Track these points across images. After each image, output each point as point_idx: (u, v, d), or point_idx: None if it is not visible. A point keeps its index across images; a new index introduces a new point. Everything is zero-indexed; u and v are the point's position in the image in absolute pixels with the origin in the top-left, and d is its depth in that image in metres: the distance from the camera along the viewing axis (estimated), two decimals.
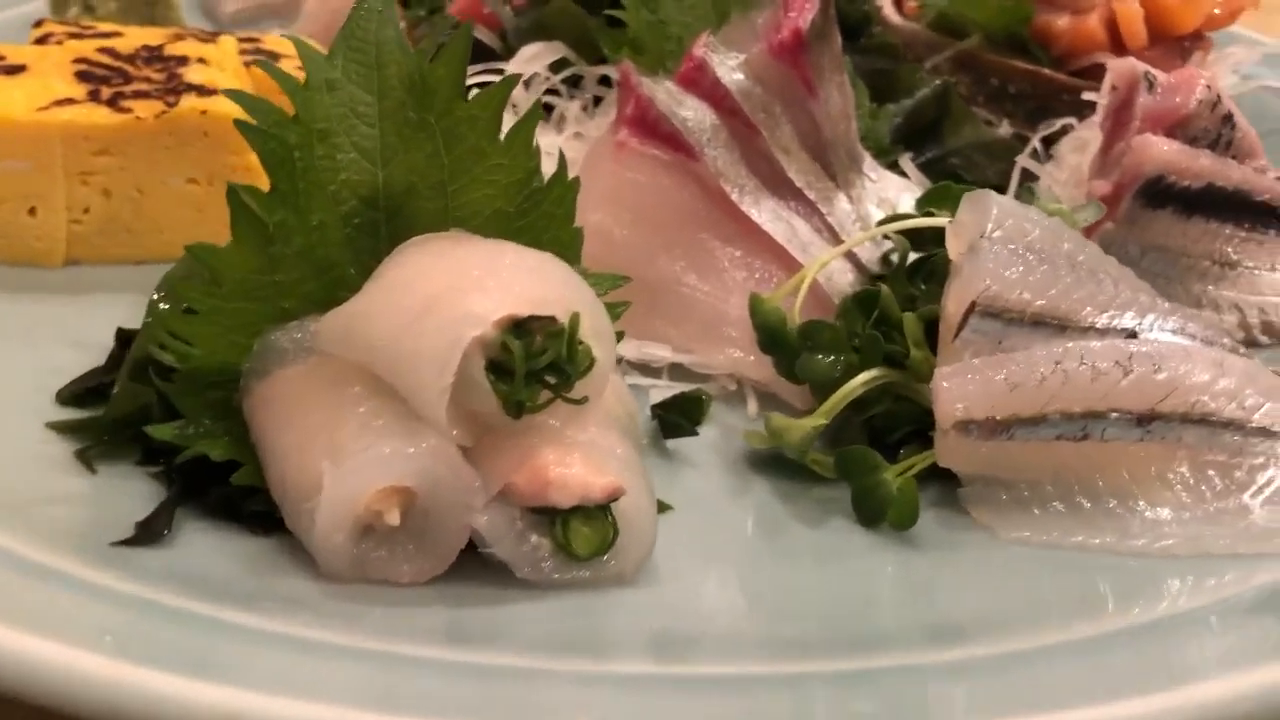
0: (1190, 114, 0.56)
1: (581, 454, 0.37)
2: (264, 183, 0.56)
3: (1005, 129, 0.66)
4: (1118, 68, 0.59)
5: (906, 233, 0.50)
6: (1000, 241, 0.44)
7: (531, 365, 0.35)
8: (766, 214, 0.52)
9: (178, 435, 0.39)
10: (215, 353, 0.39)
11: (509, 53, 0.60)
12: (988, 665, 0.37)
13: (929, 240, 0.50)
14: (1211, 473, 0.41)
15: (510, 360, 0.35)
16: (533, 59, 0.57)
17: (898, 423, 0.45)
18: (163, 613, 0.35)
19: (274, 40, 0.64)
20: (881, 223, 0.51)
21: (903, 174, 0.60)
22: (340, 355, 0.37)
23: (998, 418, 0.42)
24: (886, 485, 0.42)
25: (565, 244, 0.43)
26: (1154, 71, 0.57)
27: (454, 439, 0.35)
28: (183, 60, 0.57)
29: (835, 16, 0.56)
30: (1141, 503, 0.41)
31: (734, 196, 0.51)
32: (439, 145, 0.42)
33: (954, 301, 0.44)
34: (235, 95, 0.41)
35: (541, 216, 0.43)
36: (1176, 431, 0.41)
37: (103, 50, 0.57)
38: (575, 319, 0.36)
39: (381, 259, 0.41)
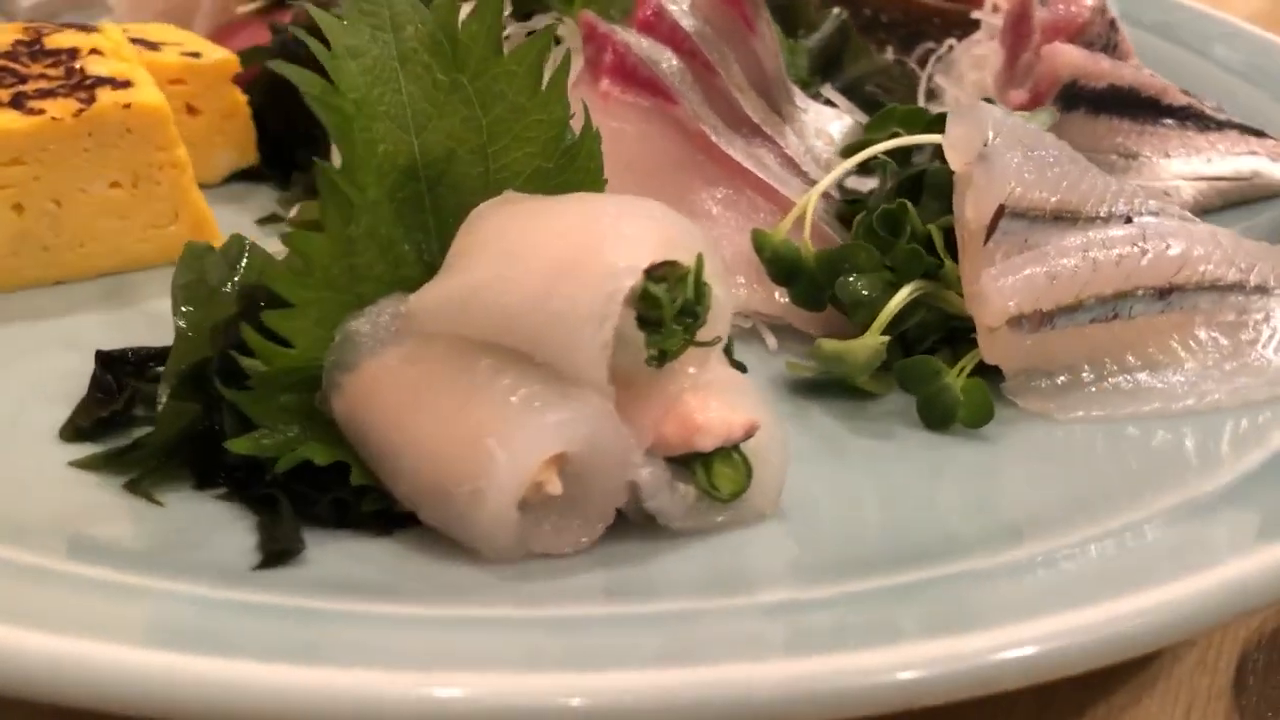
0: (1085, 22, 0.61)
1: (716, 395, 0.36)
2: (188, 178, 0.52)
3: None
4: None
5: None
6: (1005, 148, 0.46)
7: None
8: (739, 153, 0.53)
9: (267, 446, 0.35)
10: (307, 350, 0.36)
11: None
12: (1094, 539, 0.39)
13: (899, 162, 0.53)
14: (1217, 334, 0.46)
15: (653, 309, 0.34)
16: None
17: (927, 331, 0.47)
18: (338, 618, 0.32)
19: (153, 29, 0.58)
20: (853, 149, 0.53)
21: (828, 103, 0.62)
22: (451, 332, 0.35)
23: (1044, 309, 0.44)
24: (951, 389, 0.44)
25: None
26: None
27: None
28: (73, 53, 0.51)
29: None
30: (1171, 369, 0.45)
31: (713, 138, 0.51)
32: (475, 107, 0.40)
33: (974, 208, 0.46)
34: (283, 67, 0.37)
35: (577, 171, 0.42)
36: (1192, 299, 0.45)
37: None
38: (700, 260, 0.35)
39: (431, 232, 0.39)
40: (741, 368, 0.46)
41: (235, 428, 0.36)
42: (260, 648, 0.30)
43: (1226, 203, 0.61)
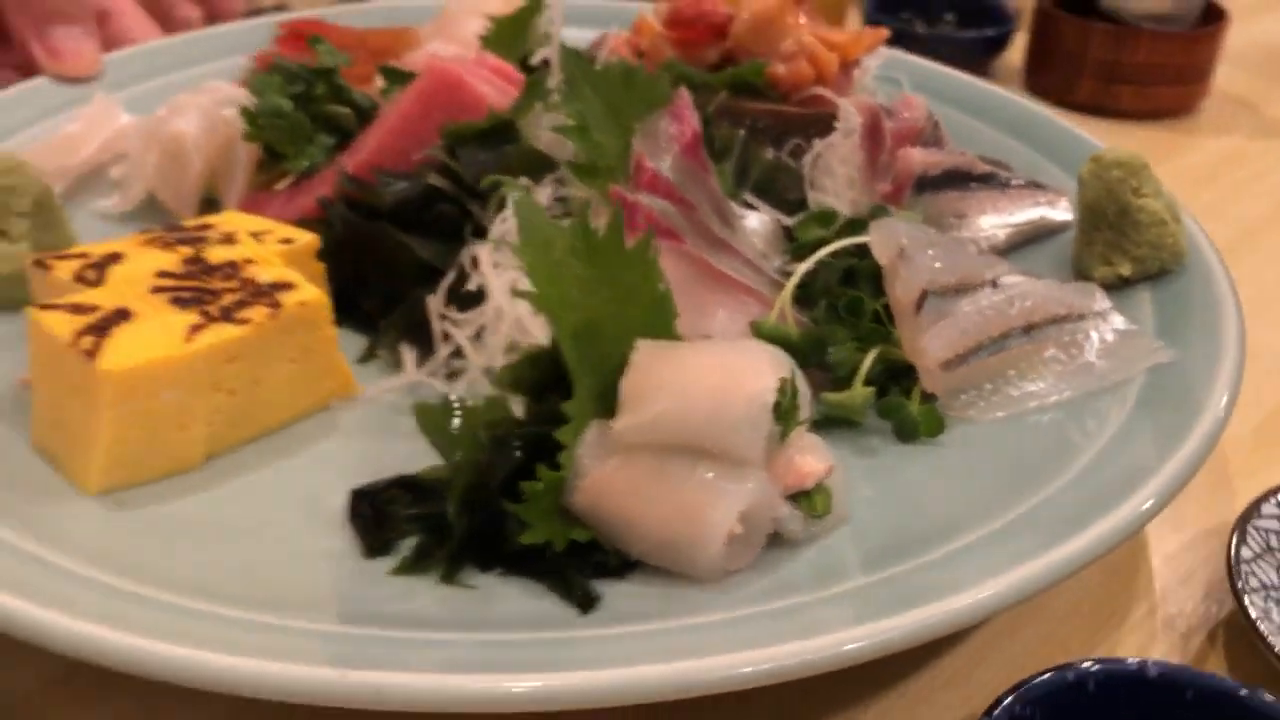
0: (921, 127, 0.85)
1: (809, 451, 0.58)
2: (334, 345, 0.69)
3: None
4: (859, 104, 0.87)
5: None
6: (916, 247, 0.70)
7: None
8: (725, 266, 0.74)
9: (549, 534, 0.54)
10: (566, 464, 0.55)
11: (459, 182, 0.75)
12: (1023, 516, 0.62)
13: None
14: (1061, 352, 0.71)
15: (782, 405, 0.55)
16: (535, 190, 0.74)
17: (884, 376, 0.70)
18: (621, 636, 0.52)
19: (241, 222, 0.73)
20: (804, 249, 0.75)
21: (748, 205, 0.83)
22: (650, 443, 0.55)
23: (959, 353, 0.68)
24: (913, 414, 0.67)
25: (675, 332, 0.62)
26: (885, 105, 0.86)
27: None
28: (235, 265, 0.67)
29: None
30: (1040, 379, 0.70)
31: (709, 260, 0.72)
32: (609, 287, 0.59)
33: (904, 292, 0.69)
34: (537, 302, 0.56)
35: (666, 317, 0.62)
36: (1044, 331, 0.70)
37: (162, 275, 0.65)
38: (793, 373, 0.57)
39: (598, 375, 0.58)
40: None
41: (516, 529, 0.55)
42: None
43: (1025, 240, 0.86)
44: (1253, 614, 0.59)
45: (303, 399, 0.67)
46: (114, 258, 0.67)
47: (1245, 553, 0.63)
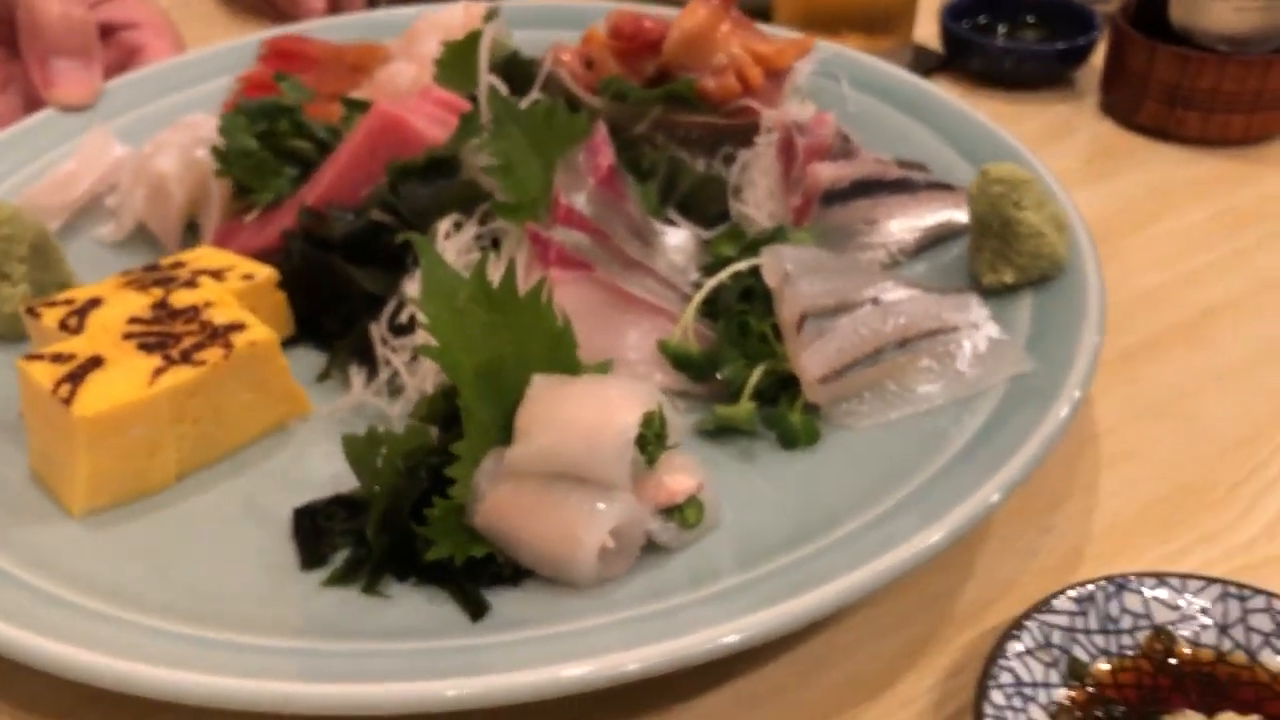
0: (829, 143, 0.92)
1: (678, 470, 0.66)
2: (286, 373, 0.78)
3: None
4: (773, 119, 0.94)
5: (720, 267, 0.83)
6: (799, 272, 0.77)
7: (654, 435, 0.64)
8: (636, 288, 0.82)
9: (452, 550, 0.64)
10: (459, 494, 0.64)
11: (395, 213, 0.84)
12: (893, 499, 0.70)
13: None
14: (934, 362, 0.78)
15: (646, 437, 0.64)
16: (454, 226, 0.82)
17: (772, 387, 0.78)
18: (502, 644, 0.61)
19: (207, 257, 0.83)
20: (714, 267, 0.83)
21: (670, 221, 0.91)
22: (534, 472, 0.64)
23: (838, 368, 0.76)
24: (794, 423, 0.75)
25: (576, 362, 0.71)
26: (799, 120, 0.93)
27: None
28: (196, 309, 0.76)
29: None
30: (915, 387, 0.77)
31: (621, 285, 0.81)
32: (510, 331, 0.68)
33: (789, 312, 0.77)
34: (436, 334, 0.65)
35: (566, 346, 0.70)
36: (917, 344, 0.77)
37: (132, 321, 0.75)
38: (660, 406, 0.65)
39: (500, 407, 0.67)
40: None
41: (424, 547, 0.65)
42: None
43: (932, 242, 0.93)
44: None
45: (261, 421, 0.77)
46: (95, 303, 0.77)
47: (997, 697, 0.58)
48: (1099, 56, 1.19)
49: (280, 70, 1.15)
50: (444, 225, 0.81)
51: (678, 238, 0.89)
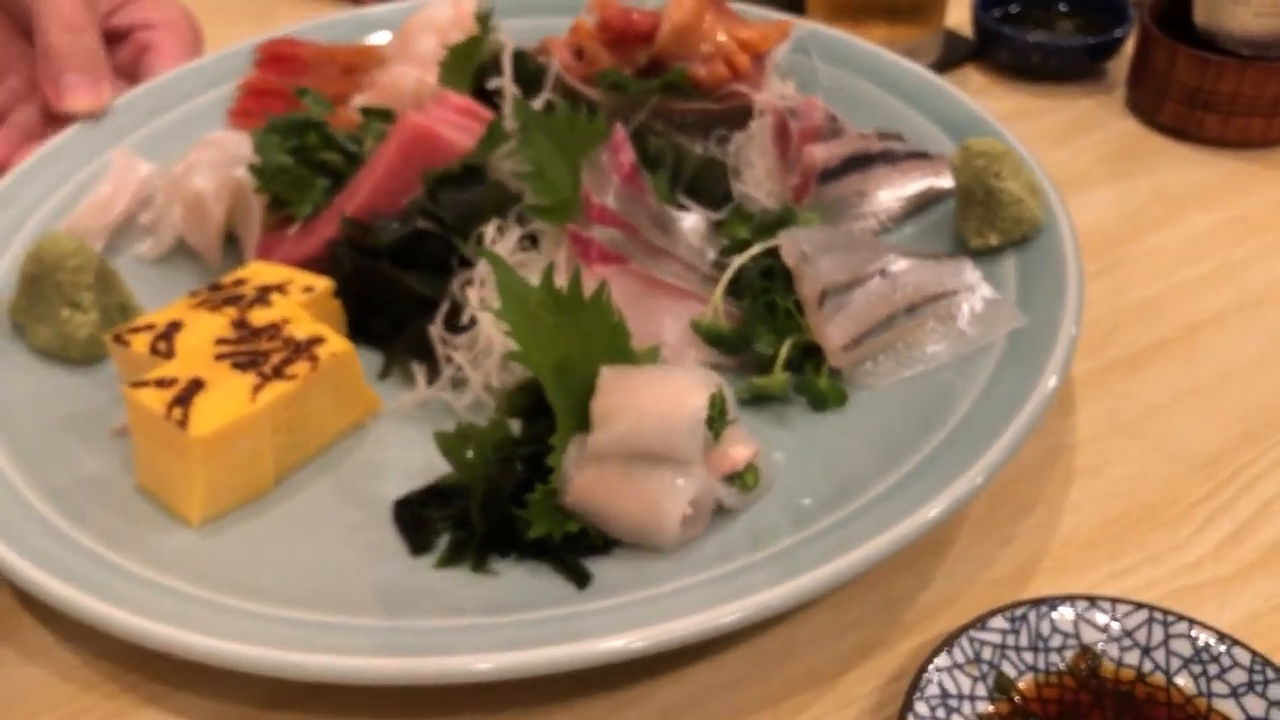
0: (820, 125, 1.01)
1: (737, 441, 0.76)
2: (360, 377, 0.85)
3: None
4: (767, 103, 1.02)
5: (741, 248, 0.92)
6: (815, 251, 0.87)
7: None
8: (666, 274, 0.91)
9: (550, 528, 0.73)
10: (553, 482, 0.73)
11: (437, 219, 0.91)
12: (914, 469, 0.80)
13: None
14: (939, 323, 0.88)
15: (712, 416, 0.73)
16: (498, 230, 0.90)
17: (799, 355, 0.88)
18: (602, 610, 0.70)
19: (266, 272, 0.89)
20: (730, 250, 0.92)
21: (682, 205, 1.00)
22: (614, 454, 0.73)
23: (857, 337, 0.85)
24: (822, 388, 0.85)
25: (630, 351, 0.79)
26: (791, 106, 1.01)
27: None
28: (276, 326, 0.83)
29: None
30: (924, 347, 0.87)
31: (654, 274, 0.89)
32: (576, 330, 0.76)
33: (809, 289, 0.86)
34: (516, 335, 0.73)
35: (622, 340, 0.79)
36: (924, 308, 0.87)
37: (219, 342, 0.82)
38: (720, 386, 0.74)
39: (574, 398, 0.76)
40: None
41: (524, 526, 0.73)
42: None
43: (917, 208, 1.03)
44: None
45: (342, 422, 0.85)
46: (176, 326, 0.83)
47: (921, 708, 0.61)
48: (1131, 47, 1.19)
49: (273, 74, 1.20)
50: (489, 231, 0.88)
51: (691, 221, 0.97)
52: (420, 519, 0.77)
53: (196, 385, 0.77)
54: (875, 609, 0.74)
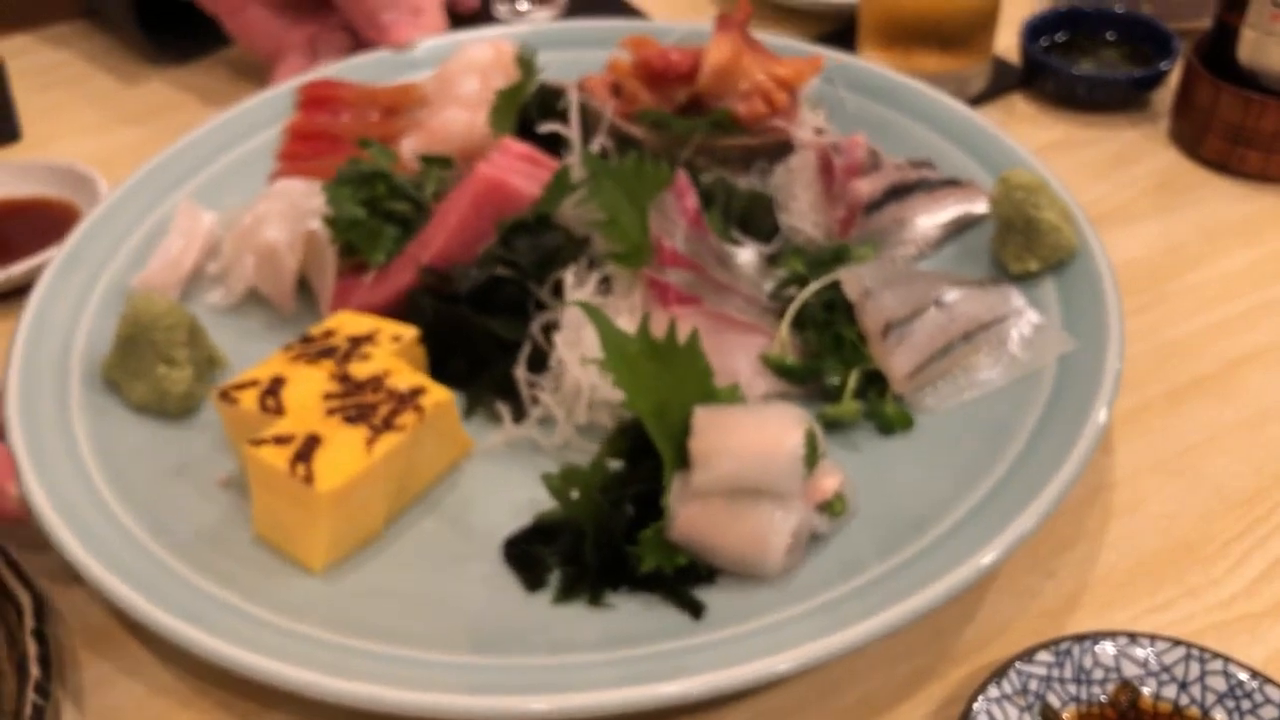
0: (863, 161, 1.07)
1: (828, 474, 0.82)
2: (459, 430, 0.90)
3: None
4: (812, 143, 1.08)
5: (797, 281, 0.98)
6: (876, 286, 0.93)
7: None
8: (732, 310, 0.96)
9: (661, 561, 0.78)
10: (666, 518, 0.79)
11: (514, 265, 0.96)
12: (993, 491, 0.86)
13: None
14: (990, 349, 0.95)
15: (807, 455, 0.79)
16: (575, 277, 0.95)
17: (862, 382, 0.94)
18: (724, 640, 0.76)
19: (351, 322, 0.94)
20: (787, 283, 0.97)
21: (737, 242, 1.05)
22: (719, 490, 0.79)
23: (919, 365, 0.92)
24: (890, 414, 0.91)
25: (714, 390, 0.85)
26: (835, 144, 1.07)
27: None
28: (379, 379, 0.88)
29: None
30: (978, 372, 0.94)
31: (725, 312, 0.95)
32: (669, 375, 0.82)
33: (873, 322, 0.92)
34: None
35: (708, 383, 0.84)
36: (977, 336, 0.94)
37: (327, 397, 0.86)
38: (811, 423, 0.80)
39: (674, 436, 0.81)
40: None
41: (635, 561, 0.79)
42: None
43: (952, 234, 1.10)
44: None
45: (441, 464, 0.90)
46: (280, 381, 0.88)
47: None
48: (1176, 78, 1.21)
49: (316, 116, 1.24)
50: (569, 278, 0.94)
51: (746, 255, 1.03)
52: (531, 556, 0.82)
53: (314, 441, 0.82)
54: (925, 640, 0.78)
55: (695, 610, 0.78)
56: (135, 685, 0.79)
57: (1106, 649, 0.69)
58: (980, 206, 1.09)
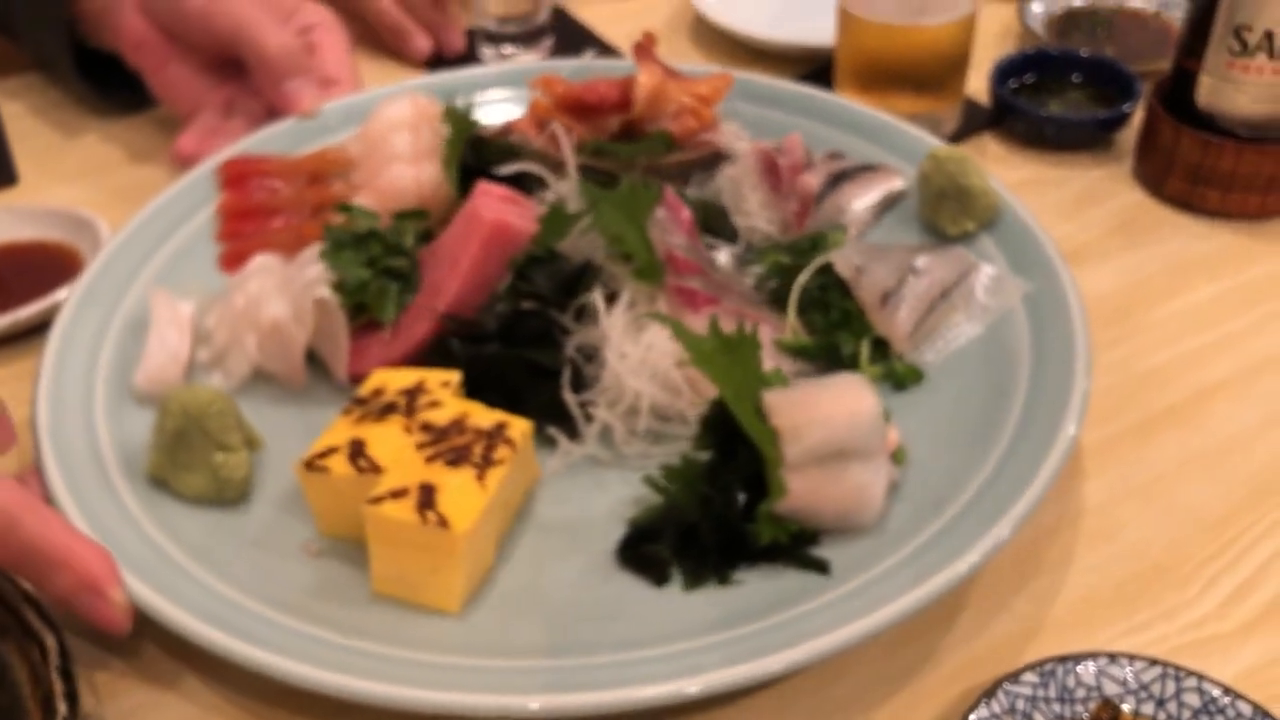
0: (803, 160, 1.19)
1: (891, 429, 0.93)
2: (533, 454, 0.96)
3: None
4: (751, 149, 1.19)
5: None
6: (864, 263, 1.05)
7: None
8: (739, 304, 1.06)
9: (775, 534, 0.86)
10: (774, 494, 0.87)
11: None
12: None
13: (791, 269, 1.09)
14: (962, 302, 1.08)
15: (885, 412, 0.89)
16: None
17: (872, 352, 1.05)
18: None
19: (402, 377, 0.97)
20: (772, 275, 1.08)
21: (712, 247, 1.14)
22: (811, 460, 0.88)
23: (914, 326, 1.04)
24: (901, 371, 1.03)
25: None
26: (778, 145, 1.18)
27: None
28: (461, 421, 0.91)
29: None
30: (957, 323, 1.07)
31: (741, 307, 1.04)
32: (744, 371, 0.90)
33: (869, 294, 1.04)
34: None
35: (760, 371, 0.93)
36: (954, 292, 1.07)
37: (421, 447, 0.89)
38: (879, 401, 0.91)
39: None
40: None
41: (752, 536, 0.86)
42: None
43: (880, 212, 1.23)
44: None
45: (522, 490, 0.95)
46: (359, 444, 0.90)
47: None
48: (1139, 120, 1.26)
49: (244, 193, 1.24)
50: (599, 301, 1.00)
51: (724, 257, 1.12)
52: (646, 556, 0.89)
53: (430, 489, 0.85)
54: (913, 661, 0.81)
55: (822, 568, 0.86)
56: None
57: (1088, 668, 0.71)
58: (898, 184, 1.22)
